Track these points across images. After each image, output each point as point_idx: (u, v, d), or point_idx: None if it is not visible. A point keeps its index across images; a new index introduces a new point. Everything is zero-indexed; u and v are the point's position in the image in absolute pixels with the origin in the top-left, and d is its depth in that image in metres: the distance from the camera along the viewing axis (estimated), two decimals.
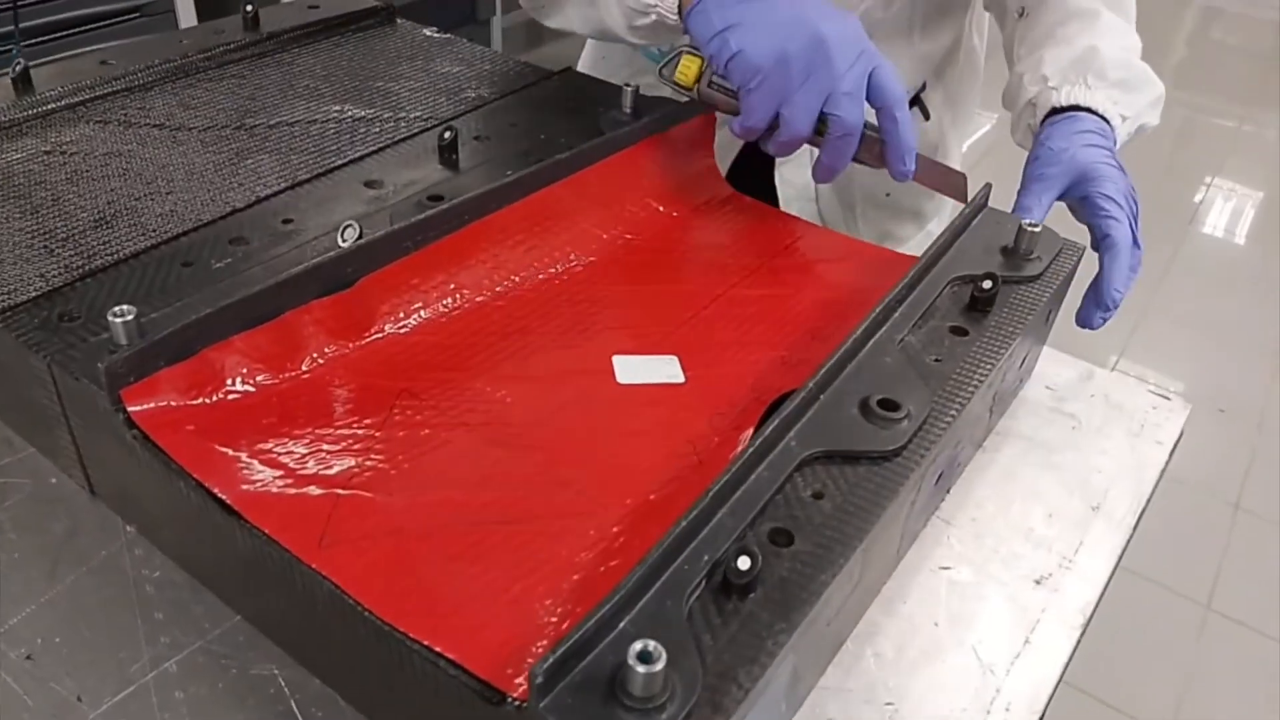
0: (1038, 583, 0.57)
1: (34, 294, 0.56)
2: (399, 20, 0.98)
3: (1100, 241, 0.71)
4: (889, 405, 0.51)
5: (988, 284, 0.60)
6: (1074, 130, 0.75)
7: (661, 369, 0.61)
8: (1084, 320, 0.71)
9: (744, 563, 0.41)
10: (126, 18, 2.00)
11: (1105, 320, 0.71)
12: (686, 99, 0.75)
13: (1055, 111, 0.78)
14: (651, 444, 0.54)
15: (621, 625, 0.39)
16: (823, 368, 0.51)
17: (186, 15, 2.10)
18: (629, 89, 0.77)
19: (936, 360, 0.56)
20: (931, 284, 0.62)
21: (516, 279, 0.65)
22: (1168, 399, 0.71)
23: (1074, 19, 0.82)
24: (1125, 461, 0.65)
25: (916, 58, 0.94)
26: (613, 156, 0.72)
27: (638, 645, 0.36)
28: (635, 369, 0.60)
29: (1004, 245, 0.66)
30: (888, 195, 1.00)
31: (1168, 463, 0.66)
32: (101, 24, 1.97)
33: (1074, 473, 0.64)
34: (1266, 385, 2.34)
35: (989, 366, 0.56)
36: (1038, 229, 0.65)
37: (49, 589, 0.52)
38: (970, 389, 0.54)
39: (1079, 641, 0.54)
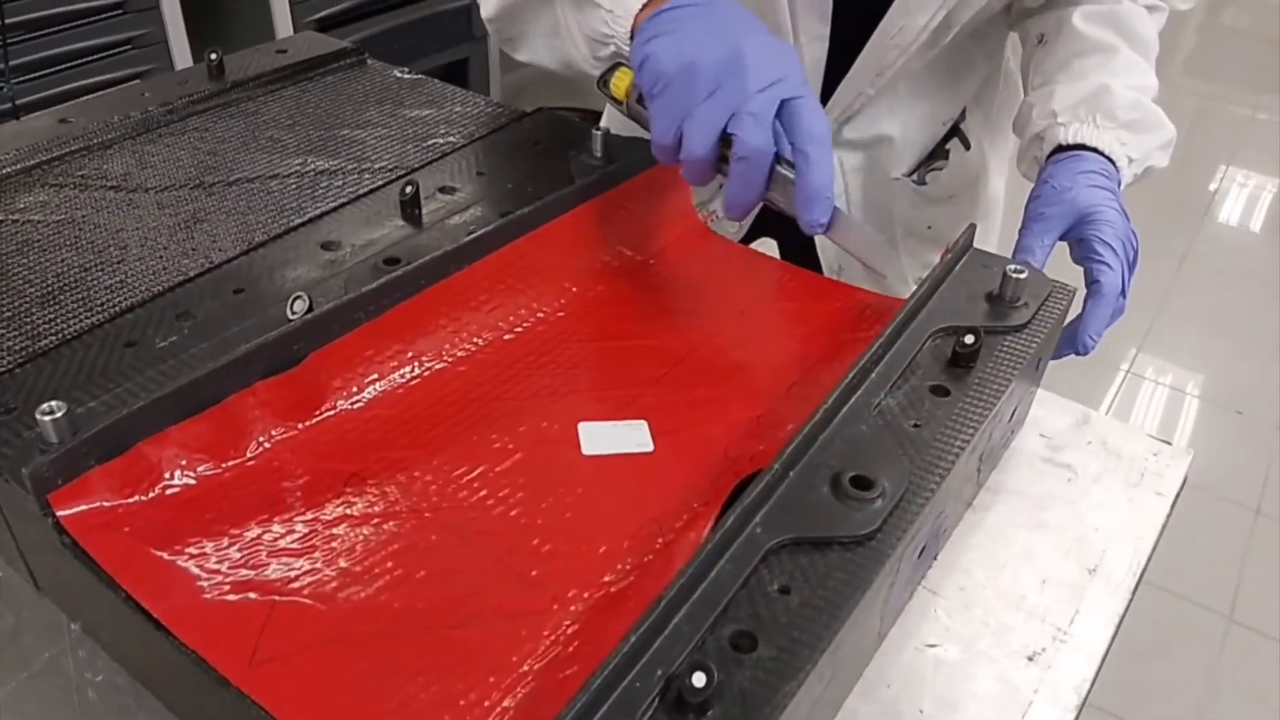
0: (1030, 659, 0.53)
1: None
2: (369, 61, 0.95)
3: (1089, 286, 0.69)
4: (862, 483, 0.48)
5: (969, 339, 0.57)
6: (1078, 170, 0.73)
7: (629, 437, 0.58)
8: (1056, 352, 0.70)
9: (699, 679, 0.38)
10: (119, 50, 1.99)
11: (1074, 354, 0.70)
12: (623, 113, 0.70)
13: (1061, 149, 0.76)
14: (615, 524, 0.51)
15: None
16: (791, 443, 0.49)
17: (179, 45, 2.09)
18: (598, 133, 0.74)
19: (915, 425, 0.53)
20: (912, 338, 0.59)
21: (478, 343, 0.62)
22: (1168, 444, 0.68)
23: (1092, 53, 0.79)
24: (1124, 517, 0.62)
25: (956, 92, 0.91)
26: (581, 205, 0.70)
27: None
28: (601, 438, 0.58)
29: (989, 291, 0.63)
30: (929, 228, 0.97)
31: (1169, 517, 0.63)
32: (92, 58, 1.96)
33: (1069, 532, 0.61)
34: None
35: (971, 431, 0.53)
36: (1023, 275, 0.61)
37: None
38: (951, 457, 0.51)
39: None
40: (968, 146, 0.94)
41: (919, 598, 0.56)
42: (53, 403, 0.47)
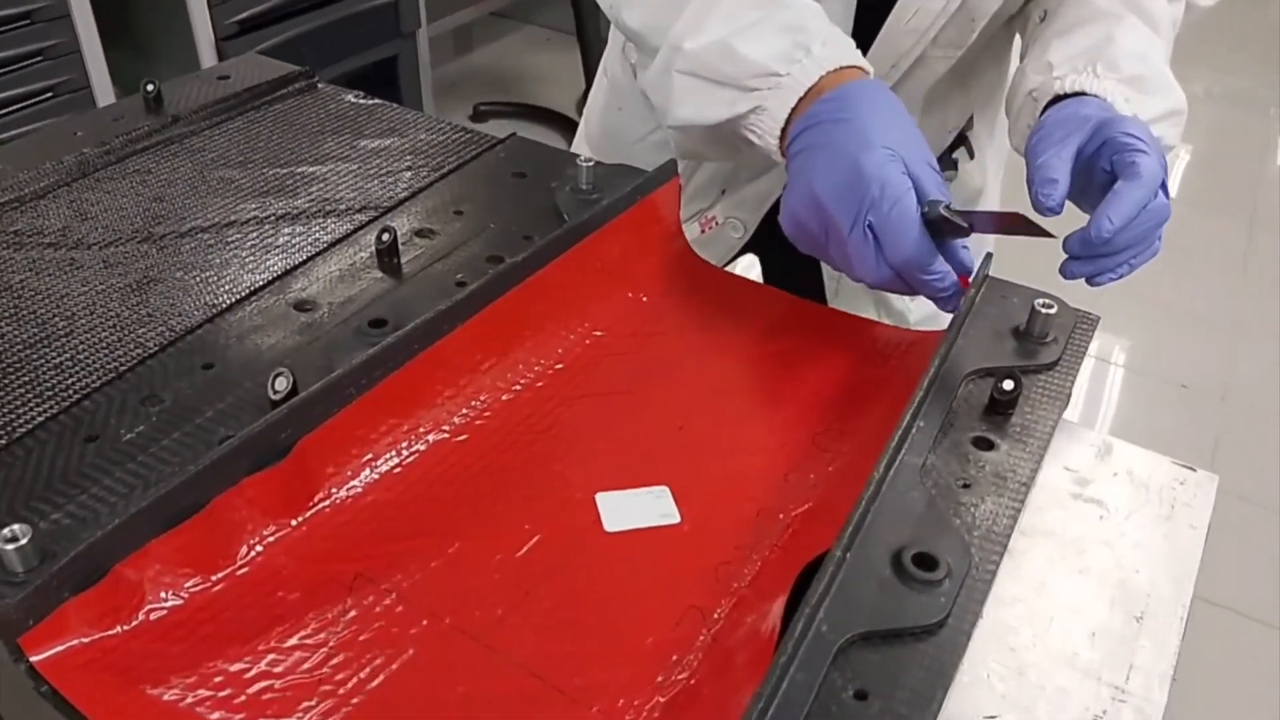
0: None
1: None
2: (320, 85, 0.88)
3: (1123, 171, 0.58)
4: (925, 562, 0.44)
5: (1009, 385, 0.54)
6: (1080, 108, 0.64)
7: (653, 507, 0.54)
8: (1062, 269, 0.61)
9: None
10: (29, 62, 1.86)
11: (1085, 273, 0.61)
12: None
13: (1058, 100, 0.67)
14: (655, 614, 0.47)
15: None
16: (848, 526, 0.45)
17: (93, 55, 1.97)
18: (586, 165, 0.69)
19: (964, 485, 0.50)
20: (946, 386, 0.55)
21: (477, 407, 0.57)
22: (1193, 470, 0.66)
23: (1095, 20, 0.71)
24: (1162, 556, 0.60)
25: (965, 99, 0.87)
26: (575, 246, 0.65)
27: None
28: (623, 511, 0.53)
29: (1015, 326, 0.60)
30: None
31: (1203, 548, 0.61)
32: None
33: (1111, 577, 0.58)
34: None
35: (1024, 488, 0.50)
36: (1053, 309, 0.58)
37: None
38: (1008, 520, 0.48)
39: None
40: (972, 155, 0.90)
41: (969, 660, 0.53)
42: (15, 527, 0.41)
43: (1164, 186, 0.60)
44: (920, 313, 0.96)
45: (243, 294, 0.61)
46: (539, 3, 3.73)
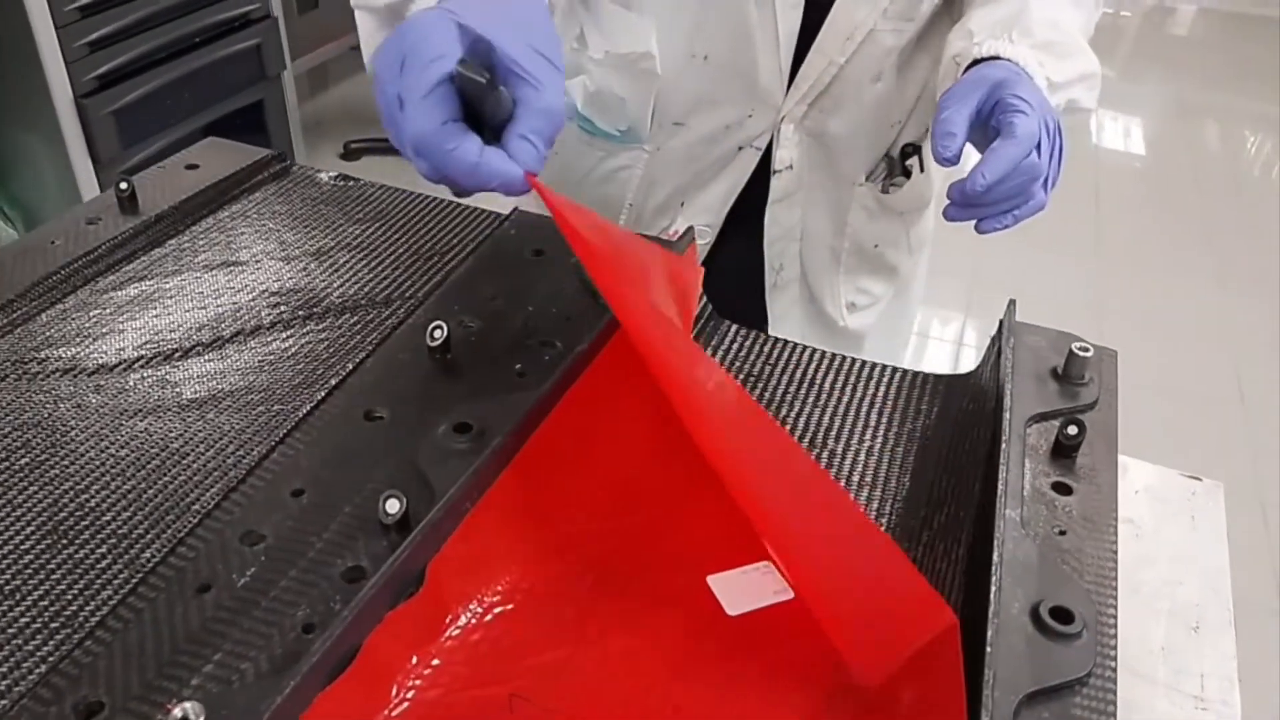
0: None
1: (34, 681, 0.43)
2: (292, 167, 0.86)
3: (1003, 130, 0.64)
4: (1063, 616, 0.48)
5: (1073, 430, 0.58)
6: (989, 71, 0.69)
7: (764, 584, 0.55)
8: (944, 212, 0.67)
9: None
10: None
11: (964, 218, 0.66)
12: None
13: (976, 64, 0.72)
14: (806, 694, 0.49)
15: None
16: (991, 586, 0.47)
17: None
18: None
19: (1060, 533, 0.54)
20: (1016, 437, 0.59)
21: (578, 506, 0.57)
22: (1200, 480, 0.72)
23: None
24: (1197, 564, 0.65)
25: (902, 91, 0.88)
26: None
27: None
28: (739, 592, 0.55)
29: (1053, 368, 0.64)
30: (875, 247, 0.97)
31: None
32: None
33: (1159, 590, 0.64)
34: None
35: (1113, 528, 0.54)
36: (1089, 353, 0.63)
37: None
38: (1109, 563, 0.52)
39: None
40: (923, 169, 0.95)
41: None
42: (187, 705, 0.39)
43: (1041, 149, 0.65)
44: (856, 322, 1.01)
45: (306, 408, 0.59)
46: None
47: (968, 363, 2.38)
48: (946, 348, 2.49)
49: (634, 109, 0.89)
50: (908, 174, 0.94)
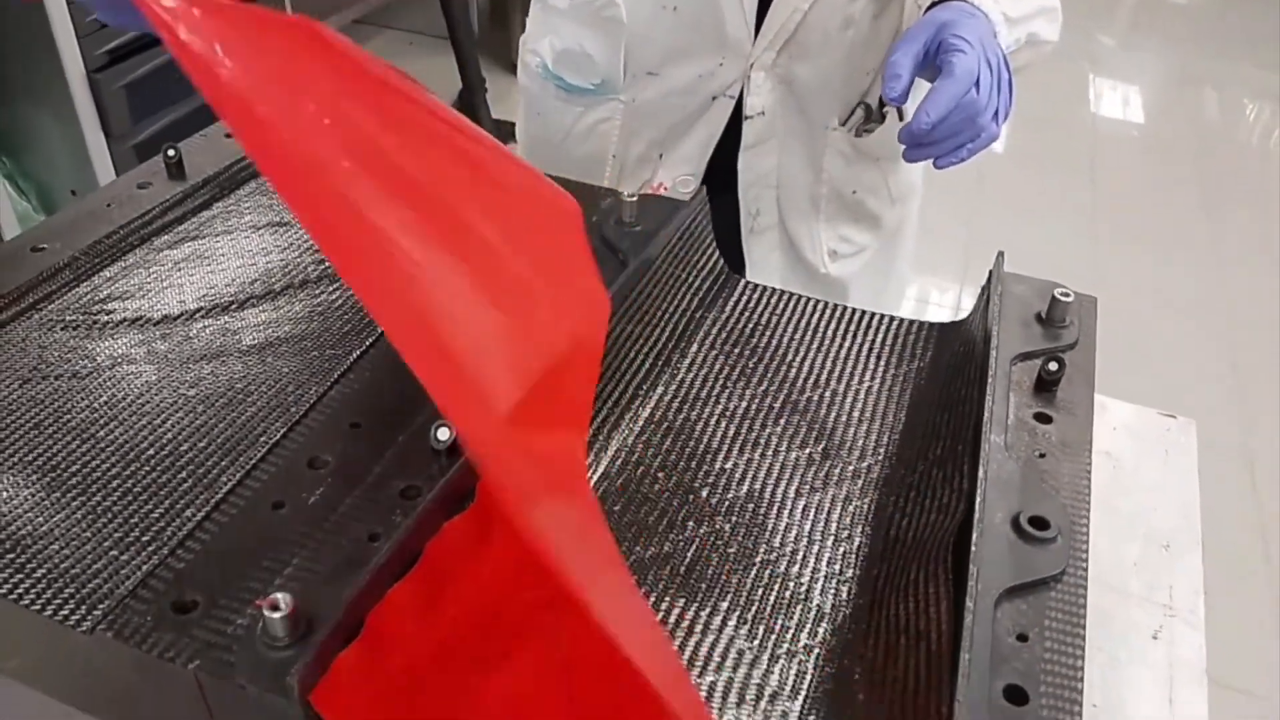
0: (1155, 638, 0.62)
1: (132, 585, 0.50)
2: None
3: (943, 68, 0.69)
4: (1040, 524, 0.54)
5: (1054, 366, 0.64)
6: (940, 13, 0.74)
7: None
8: (904, 155, 0.73)
9: None
10: None
11: (920, 158, 0.72)
12: None
13: (934, 5, 0.77)
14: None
15: None
16: (978, 496, 0.54)
17: None
18: (631, 200, 0.76)
19: (1041, 455, 0.60)
20: (1001, 374, 0.65)
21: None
22: (1174, 418, 0.78)
23: None
24: (1171, 493, 0.72)
25: (873, 41, 0.91)
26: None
27: None
28: None
29: (1037, 313, 0.70)
30: (854, 193, 1.00)
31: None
32: None
33: (1134, 515, 0.70)
34: None
35: (1088, 451, 0.60)
36: (1070, 298, 0.69)
37: None
38: (1084, 481, 0.58)
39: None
40: (901, 117, 0.99)
41: None
42: (278, 596, 0.45)
43: (980, 85, 0.70)
44: (838, 269, 1.04)
45: (356, 353, 0.65)
46: (399, 7, 3.69)
47: None
48: (944, 313, 2.54)
49: (604, 61, 0.93)
50: (883, 120, 0.97)
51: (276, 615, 0.45)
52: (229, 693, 0.46)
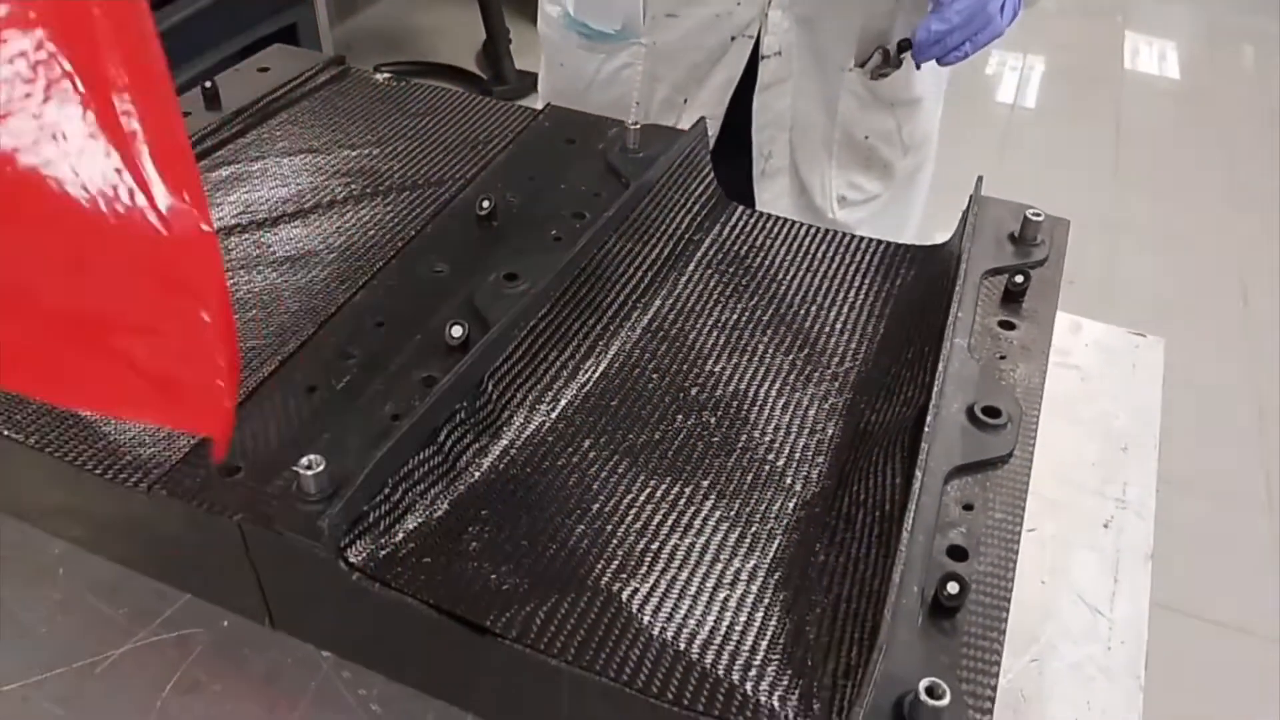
0: (1105, 526, 0.67)
1: (183, 452, 0.57)
2: (350, 69, 0.97)
3: None
4: (991, 411, 0.59)
5: (1020, 279, 0.69)
6: None
7: None
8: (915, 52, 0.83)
9: (954, 588, 0.49)
10: None
11: (934, 53, 0.83)
12: None
13: None
14: None
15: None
16: (935, 390, 0.59)
17: None
18: (634, 128, 0.81)
19: (1002, 357, 0.65)
20: (970, 285, 0.70)
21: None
22: (1144, 337, 0.83)
23: None
24: (1133, 402, 0.77)
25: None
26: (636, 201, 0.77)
27: (926, 682, 0.43)
28: None
29: (1010, 233, 0.75)
30: (866, 138, 1.04)
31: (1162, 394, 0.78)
32: None
33: (1096, 420, 0.75)
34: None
35: (1044, 354, 0.65)
36: (1040, 217, 0.74)
37: None
38: (1038, 378, 0.63)
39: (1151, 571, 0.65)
40: (919, 65, 1.03)
41: None
42: (310, 456, 0.52)
43: None
44: (846, 216, 1.08)
45: (380, 264, 0.71)
46: None
47: None
48: None
49: (625, 3, 0.98)
50: (899, 65, 1.01)
51: (310, 473, 0.52)
52: (269, 541, 0.53)
